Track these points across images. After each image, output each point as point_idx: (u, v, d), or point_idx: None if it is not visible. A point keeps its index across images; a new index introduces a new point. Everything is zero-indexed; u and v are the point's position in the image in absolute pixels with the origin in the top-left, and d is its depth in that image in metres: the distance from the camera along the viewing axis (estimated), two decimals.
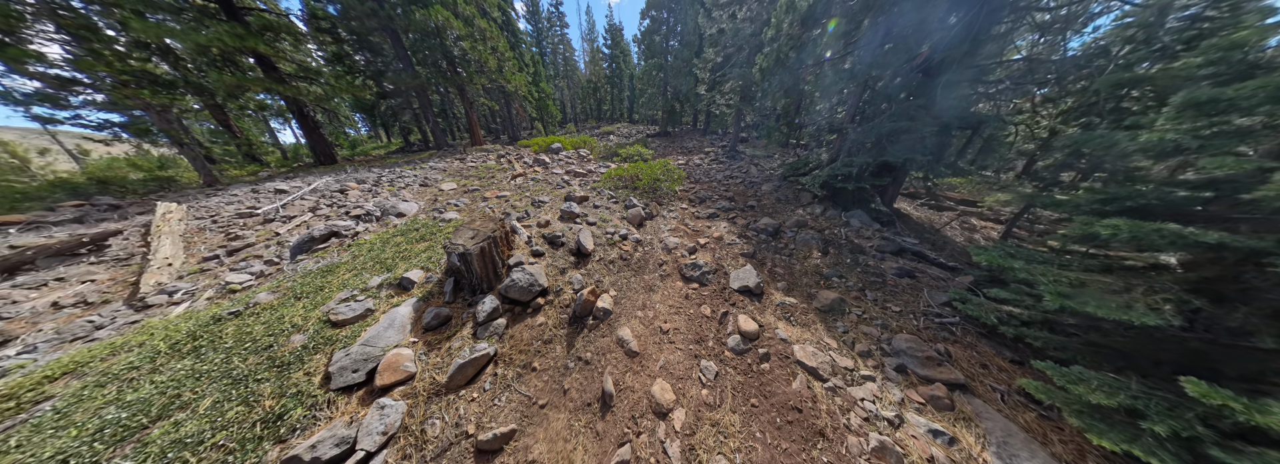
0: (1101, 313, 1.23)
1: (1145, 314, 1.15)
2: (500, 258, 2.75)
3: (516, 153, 10.42)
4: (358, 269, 2.91)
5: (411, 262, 3.01)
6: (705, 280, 3.01)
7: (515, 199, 5.23)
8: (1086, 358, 1.60)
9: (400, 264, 2.97)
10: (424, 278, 2.71)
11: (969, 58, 4.06)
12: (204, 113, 9.00)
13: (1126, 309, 1.24)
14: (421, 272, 2.79)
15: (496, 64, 12.29)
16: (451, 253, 2.39)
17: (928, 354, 1.92)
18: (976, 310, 2.10)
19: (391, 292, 2.53)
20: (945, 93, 4.16)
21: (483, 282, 2.52)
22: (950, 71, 4.06)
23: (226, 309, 2.37)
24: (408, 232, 3.86)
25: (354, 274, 2.81)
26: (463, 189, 6.13)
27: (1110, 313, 1.21)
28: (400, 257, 3.13)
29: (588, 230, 3.67)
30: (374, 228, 4.20)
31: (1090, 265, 1.72)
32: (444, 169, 8.52)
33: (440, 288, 2.57)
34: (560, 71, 24.33)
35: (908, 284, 3.06)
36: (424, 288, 2.59)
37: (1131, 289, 1.45)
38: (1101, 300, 1.31)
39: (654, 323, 2.43)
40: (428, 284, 2.63)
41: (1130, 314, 1.19)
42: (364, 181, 6.76)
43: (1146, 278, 1.47)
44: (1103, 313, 1.23)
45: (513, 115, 17.68)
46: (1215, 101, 1.16)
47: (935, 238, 5.24)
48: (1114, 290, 1.48)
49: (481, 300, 2.34)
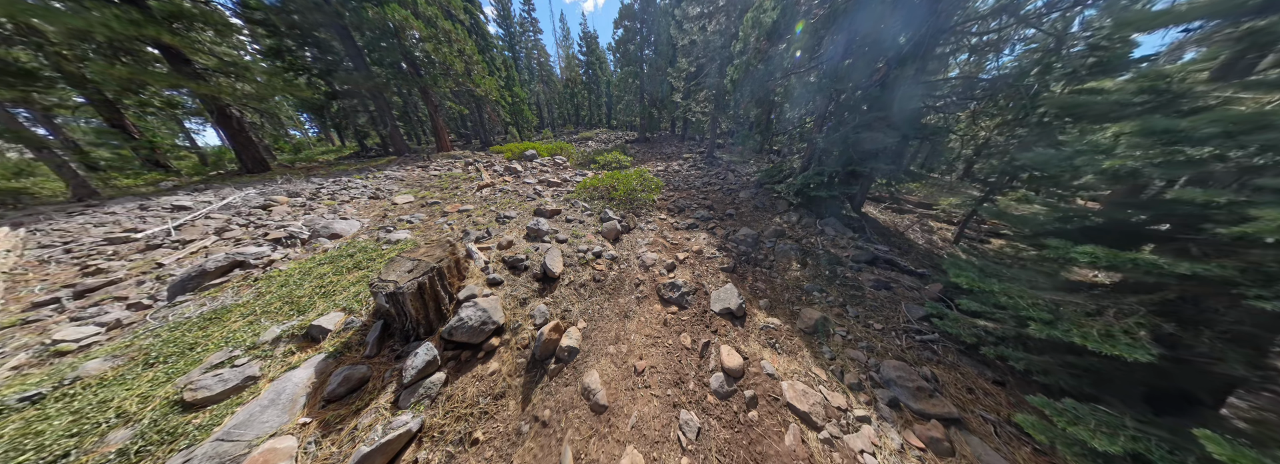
0: (1090, 346, 1.17)
1: (1135, 349, 1.09)
2: (447, 292, 2.35)
3: (487, 160, 9.79)
4: (257, 314, 2.33)
5: (334, 299, 2.49)
6: (685, 302, 2.81)
7: (479, 214, 4.75)
8: (1066, 379, 1.59)
9: (317, 304, 2.44)
10: (343, 323, 2.22)
11: (919, 74, 4.36)
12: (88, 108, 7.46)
13: (1111, 340, 1.19)
14: (342, 314, 2.30)
15: (464, 67, 11.65)
16: (379, 293, 1.97)
17: (917, 384, 1.83)
18: (954, 327, 2.07)
19: (293, 346, 2.02)
20: (902, 105, 4.41)
21: (420, 325, 2.10)
22: (904, 85, 4.30)
23: (17, 393, 1.58)
24: (339, 258, 3.28)
25: (248, 322, 2.24)
26: (420, 202, 5.49)
27: (1099, 346, 1.15)
28: (321, 293, 2.59)
29: (557, 250, 3.34)
30: (297, 254, 3.54)
31: (1057, 284, 1.73)
32: (402, 178, 7.73)
33: (362, 336, 2.11)
34: (536, 76, 23.81)
35: (886, 297, 3.06)
36: (340, 337, 2.11)
37: (1103, 311, 1.43)
38: (1085, 330, 1.26)
39: (627, 361, 2.15)
40: (347, 331, 2.16)
41: (1118, 348, 1.12)
42: (298, 194, 5.87)
43: (1113, 299, 1.47)
44: (1092, 346, 1.17)
45: (485, 120, 16.85)
46: (1169, 131, 1.17)
47: (900, 241, 5.49)
48: (1088, 313, 1.45)
49: (413, 351, 1.93)
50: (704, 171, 8.96)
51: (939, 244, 5.77)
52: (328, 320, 2.23)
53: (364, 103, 12.49)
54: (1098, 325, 1.33)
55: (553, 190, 6.20)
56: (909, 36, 4.23)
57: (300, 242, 3.84)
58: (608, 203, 5.21)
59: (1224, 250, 1.31)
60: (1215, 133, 1.10)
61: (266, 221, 4.48)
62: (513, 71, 18.04)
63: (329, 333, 2.16)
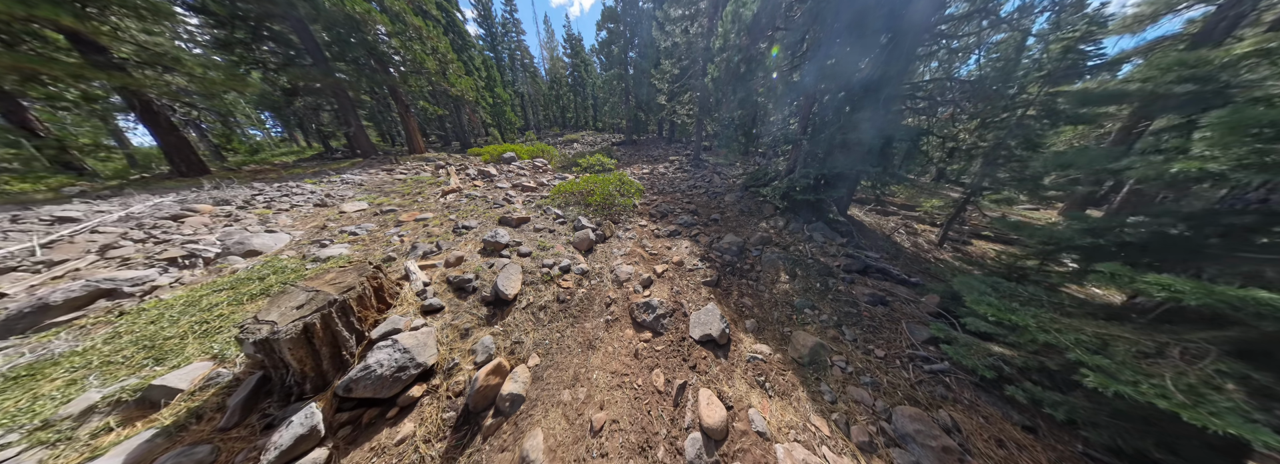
0: (1188, 417, 0.84)
1: (1262, 432, 0.76)
2: (355, 330, 1.83)
3: (461, 163, 9.15)
4: (93, 365, 1.74)
5: (212, 342, 1.93)
6: (660, 327, 2.39)
7: (436, 223, 4.19)
8: (1124, 435, 1.27)
9: (187, 349, 1.88)
10: (204, 379, 1.67)
11: (900, 76, 4.22)
12: None
13: (1206, 403, 0.86)
14: (210, 365, 1.75)
15: (437, 66, 11.02)
16: (247, 340, 1.45)
17: (941, 443, 1.48)
18: (966, 356, 1.75)
19: (116, 418, 1.46)
20: (885, 106, 4.25)
21: (306, 377, 1.58)
22: (888, 87, 4.14)
23: None
24: (244, 283, 2.68)
25: (70, 381, 1.65)
26: (374, 210, 4.86)
27: (1202, 420, 0.82)
28: (199, 333, 2.02)
29: (516, 265, 2.87)
30: (193, 278, 2.90)
31: (1091, 311, 1.44)
32: (361, 183, 7.01)
33: (226, 397, 1.57)
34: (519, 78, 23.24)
35: (883, 314, 2.76)
36: (194, 400, 1.56)
37: (1165, 350, 1.13)
38: (1160, 387, 0.93)
39: (584, 412, 1.70)
40: (207, 390, 1.61)
41: (1229, 424, 0.79)
42: (227, 202, 5.11)
43: (1171, 333, 1.17)
44: (1189, 418, 0.84)
45: (464, 121, 16.12)
46: (1275, 124, 0.88)
47: (888, 245, 5.31)
48: (1144, 354, 1.14)
49: (288, 419, 1.41)
50: (690, 174, 8.69)
51: (925, 247, 5.65)
52: (181, 376, 1.66)
53: (328, 101, 11.58)
54: (1170, 373, 1.01)
55: (526, 195, 5.70)
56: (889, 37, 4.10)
57: (203, 261, 3.17)
58: (583, 209, 4.77)
59: None
60: None
61: (170, 236, 3.75)
62: (494, 72, 17.44)
63: (178, 393, 1.60)
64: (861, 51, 4.25)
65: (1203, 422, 0.82)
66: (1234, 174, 0.96)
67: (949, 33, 4.86)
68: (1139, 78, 1.42)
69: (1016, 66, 4.73)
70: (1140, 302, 1.53)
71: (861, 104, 4.31)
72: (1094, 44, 4.17)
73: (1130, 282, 1.04)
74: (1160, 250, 1.37)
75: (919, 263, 4.79)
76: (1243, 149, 0.94)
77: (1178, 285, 0.92)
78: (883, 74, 4.04)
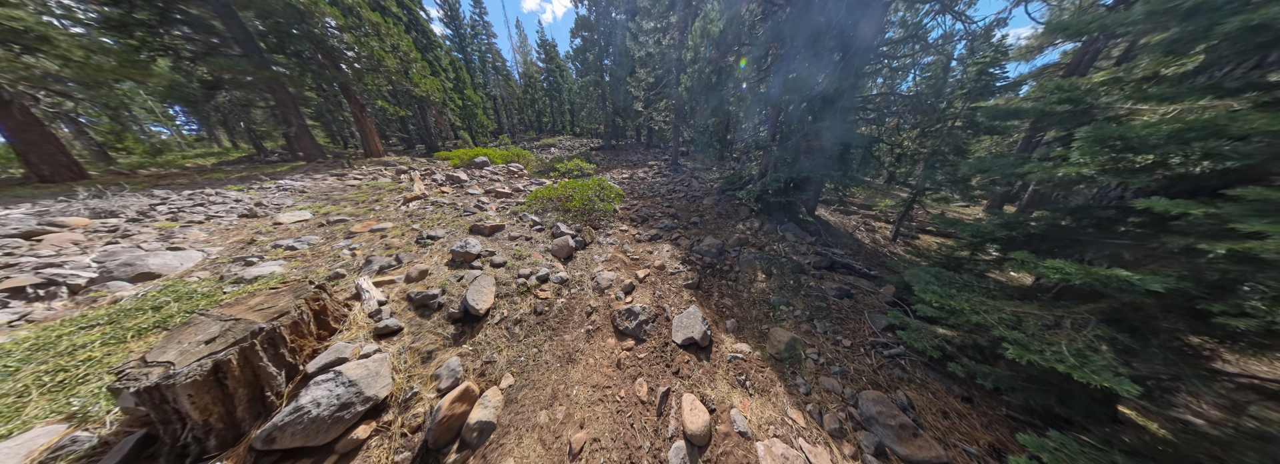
0: (1078, 377, 1.02)
1: (1125, 383, 0.94)
2: (285, 364, 1.59)
3: (428, 168, 8.53)
4: None
5: (71, 395, 1.51)
6: (643, 334, 2.39)
7: (396, 234, 3.82)
8: (1034, 396, 1.51)
9: (27, 410, 1.43)
10: (50, 448, 1.28)
11: (852, 90, 4.75)
12: None
13: (1088, 362, 1.06)
14: (62, 428, 1.35)
15: (398, 65, 10.30)
16: (124, 390, 1.17)
17: (899, 421, 1.64)
18: (917, 339, 1.97)
19: None
20: (843, 116, 4.73)
21: (211, 430, 1.30)
22: (842, 99, 4.62)
23: None
24: (130, 314, 2.11)
25: None
26: (319, 221, 4.31)
27: (1085, 377, 1.01)
28: (49, 385, 1.55)
29: (489, 277, 2.72)
30: (54, 311, 2.29)
31: (1010, 292, 1.71)
32: (304, 190, 6.24)
33: None
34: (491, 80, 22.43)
35: (849, 306, 3.01)
36: None
37: (1061, 322, 1.36)
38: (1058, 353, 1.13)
39: (563, 433, 1.63)
40: (57, 461, 1.26)
41: (1104, 378, 0.98)
42: (113, 214, 4.24)
43: (1065, 308, 1.42)
44: (1079, 377, 1.02)
45: (430, 124, 15.14)
46: (1124, 138, 1.13)
47: (851, 242, 5.83)
48: (1047, 326, 1.37)
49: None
50: (669, 178, 8.90)
51: (881, 241, 6.28)
52: (10, 449, 1.23)
53: (262, 96, 10.28)
54: (1063, 340, 1.22)
55: (500, 202, 5.45)
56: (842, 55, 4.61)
57: (68, 290, 2.47)
58: (562, 215, 4.67)
59: (1151, 256, 1.34)
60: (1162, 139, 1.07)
61: (20, 258, 2.93)
62: (464, 74, 16.67)
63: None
64: (819, 67, 4.70)
65: (1086, 378, 1.01)
66: (1100, 177, 1.22)
67: (889, 54, 5.57)
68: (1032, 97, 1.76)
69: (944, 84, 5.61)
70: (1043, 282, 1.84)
71: (822, 114, 4.74)
72: (1000, 68, 5.09)
73: (1035, 267, 1.27)
74: (1056, 239, 1.68)
75: (878, 257, 5.31)
76: (1104, 157, 1.21)
77: (1067, 268, 1.14)
78: (837, 87, 4.50)
